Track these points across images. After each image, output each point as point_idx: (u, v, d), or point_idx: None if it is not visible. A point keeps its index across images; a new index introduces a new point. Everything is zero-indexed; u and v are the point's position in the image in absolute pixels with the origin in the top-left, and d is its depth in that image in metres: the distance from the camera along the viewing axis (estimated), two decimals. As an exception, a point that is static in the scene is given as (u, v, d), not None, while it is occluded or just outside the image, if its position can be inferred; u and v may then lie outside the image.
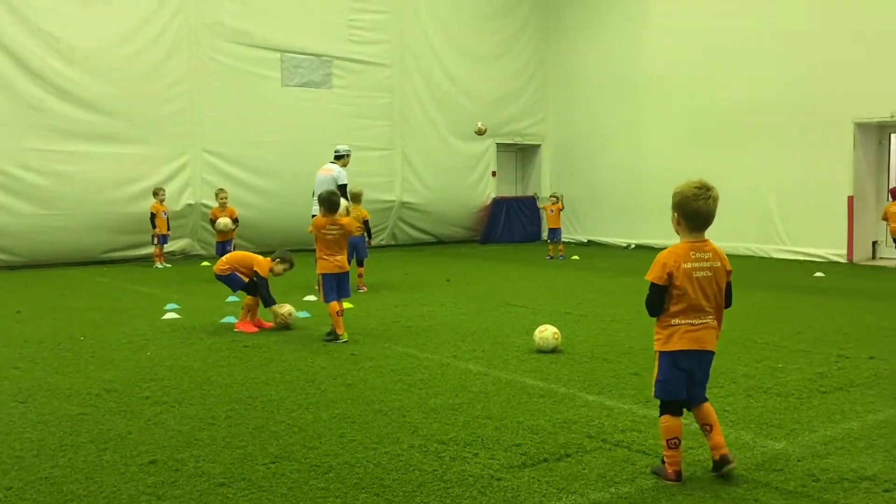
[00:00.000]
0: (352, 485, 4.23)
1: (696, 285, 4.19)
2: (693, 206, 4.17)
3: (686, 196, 4.19)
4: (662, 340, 4.26)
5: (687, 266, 4.18)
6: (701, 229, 4.26)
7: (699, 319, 4.22)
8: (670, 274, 4.18)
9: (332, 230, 8.32)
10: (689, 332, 4.20)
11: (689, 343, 4.20)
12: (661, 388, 4.29)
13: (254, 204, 17.46)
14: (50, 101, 15.55)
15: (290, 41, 18.26)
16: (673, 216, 4.32)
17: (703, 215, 4.20)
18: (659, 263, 4.23)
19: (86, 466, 4.53)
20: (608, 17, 20.79)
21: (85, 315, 9.88)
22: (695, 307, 4.20)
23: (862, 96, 15.60)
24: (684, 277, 4.17)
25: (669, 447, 4.25)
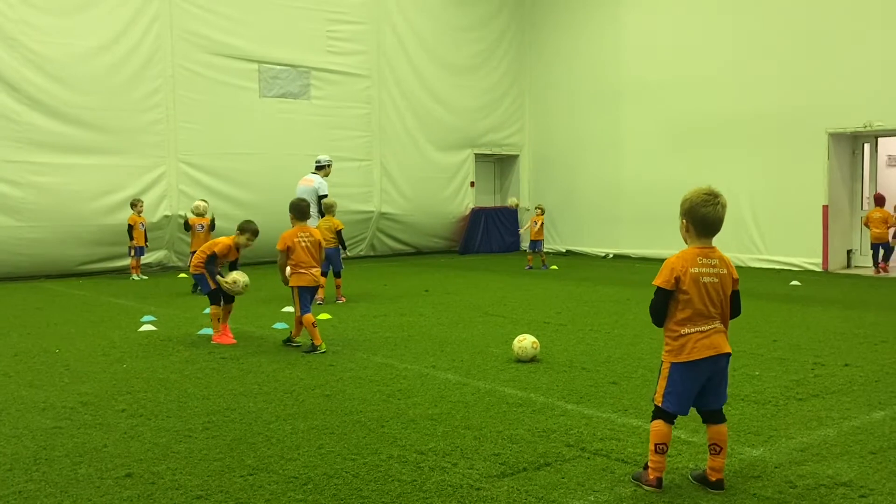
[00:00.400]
0: (330, 496, 4.21)
1: (703, 291, 4.20)
2: (702, 212, 4.24)
3: (695, 203, 4.25)
4: (675, 352, 4.22)
5: (694, 271, 4.20)
6: (709, 235, 4.31)
7: (707, 325, 4.22)
8: (677, 278, 4.19)
9: (304, 237, 8.34)
10: (701, 340, 4.18)
11: (704, 351, 4.18)
12: (669, 400, 4.23)
13: (231, 215, 17.29)
14: (26, 112, 15.39)
15: (267, 52, 18.22)
16: (681, 223, 4.36)
17: (711, 221, 4.25)
18: (667, 268, 4.25)
19: (60, 480, 4.47)
20: (584, 28, 20.94)
21: (60, 328, 9.78)
22: (701, 314, 4.20)
23: (836, 107, 15.80)
24: (691, 282, 4.19)
25: (657, 452, 4.23)
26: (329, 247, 11.73)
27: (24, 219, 15.43)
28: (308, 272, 8.28)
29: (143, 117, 16.69)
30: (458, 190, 21.85)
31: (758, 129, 17.03)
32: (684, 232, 4.37)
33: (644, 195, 19.42)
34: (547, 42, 22.03)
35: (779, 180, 16.62)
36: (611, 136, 20.29)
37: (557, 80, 21.76)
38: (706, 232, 4.30)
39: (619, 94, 20.03)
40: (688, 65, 18.31)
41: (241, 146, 17.82)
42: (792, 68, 16.42)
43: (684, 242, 4.39)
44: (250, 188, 17.86)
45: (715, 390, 4.30)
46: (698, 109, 18.15)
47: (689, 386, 4.22)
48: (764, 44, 16.91)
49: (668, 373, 4.25)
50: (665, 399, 4.25)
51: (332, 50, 19.20)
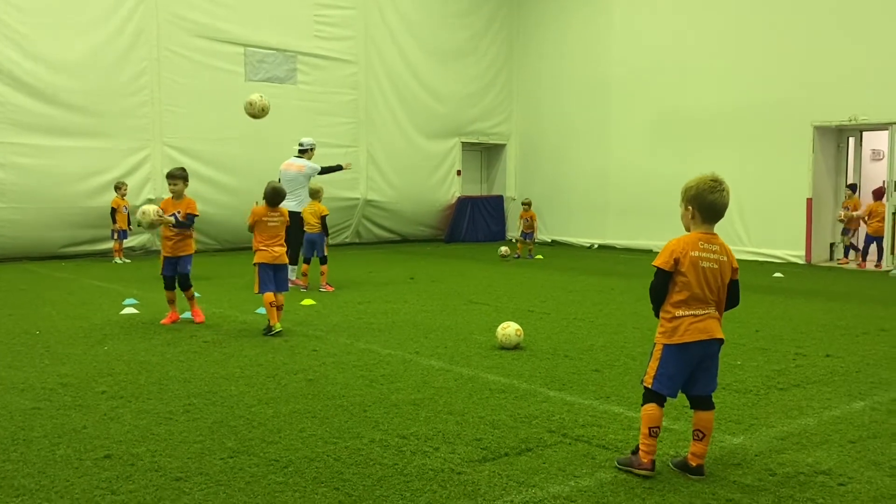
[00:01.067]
0: (311, 479, 4.19)
1: (701, 275, 4.22)
2: (709, 198, 4.26)
3: (702, 189, 4.27)
4: (668, 334, 4.24)
5: (694, 254, 4.22)
6: (713, 221, 4.34)
7: (702, 310, 4.24)
8: (677, 260, 4.21)
9: (274, 217, 8.53)
10: (694, 324, 4.21)
11: (696, 334, 4.21)
12: (661, 382, 4.25)
13: (215, 200, 17.23)
14: (9, 93, 15.23)
15: (254, 36, 18.09)
16: (685, 209, 4.36)
17: (717, 208, 4.29)
18: (667, 250, 4.27)
19: (38, 461, 4.43)
20: (574, 17, 20.90)
21: (41, 310, 9.70)
22: (697, 298, 4.22)
23: (821, 100, 15.86)
24: (690, 265, 4.21)
25: (650, 435, 4.24)
26: (313, 232, 11.71)
27: (7, 200, 15.29)
28: (269, 250, 8.39)
29: (129, 100, 16.54)
30: (445, 178, 21.81)
31: (743, 121, 17.08)
32: (688, 218, 4.38)
33: (630, 186, 19.46)
34: (536, 30, 21.98)
35: (763, 173, 16.68)
36: (598, 127, 20.30)
37: (546, 69, 21.73)
38: (712, 218, 4.33)
39: (607, 85, 20.03)
40: (675, 56, 18.33)
41: (226, 130, 17.67)
42: (778, 61, 16.46)
43: (686, 230, 4.41)
44: (235, 172, 17.74)
45: (705, 376, 4.31)
46: (685, 101, 18.19)
47: (679, 368, 4.24)
48: (750, 36, 16.94)
49: (660, 354, 4.27)
50: (656, 381, 4.26)
51: (319, 35, 19.08)
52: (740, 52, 17.13)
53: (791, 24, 16.30)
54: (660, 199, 18.73)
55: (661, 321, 4.32)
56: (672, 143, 18.51)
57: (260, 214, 8.47)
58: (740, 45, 17.14)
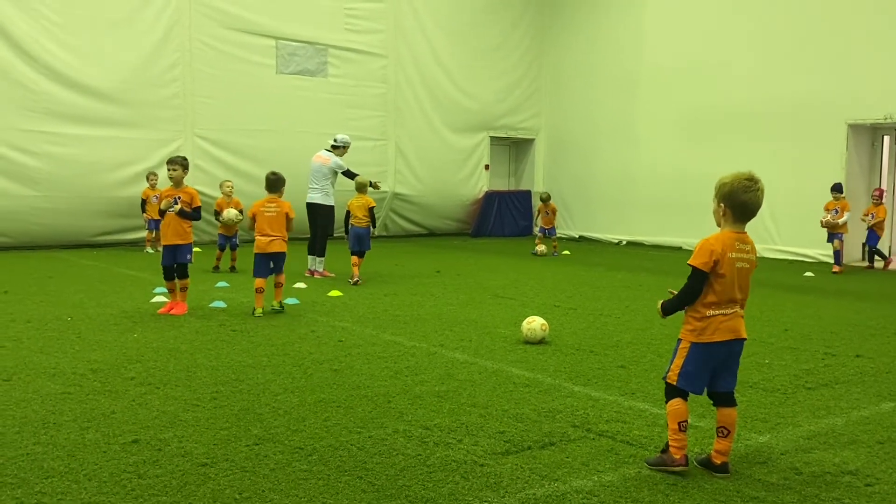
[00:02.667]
0: (335, 467, 4.22)
1: (736, 276, 4.20)
2: (743, 197, 4.19)
3: (736, 188, 4.20)
4: (696, 332, 4.20)
5: (732, 255, 4.18)
6: (746, 221, 4.28)
7: (731, 309, 4.21)
8: (716, 261, 4.16)
9: (270, 207, 9.07)
10: (724, 323, 4.18)
11: (725, 334, 4.18)
12: (685, 379, 4.22)
13: (245, 191, 17.29)
14: (43, 82, 15.45)
15: (285, 28, 18.18)
16: (718, 206, 4.30)
17: (751, 207, 4.23)
18: (706, 250, 4.18)
19: (67, 444, 4.51)
20: (604, 13, 20.78)
21: (73, 297, 9.84)
22: (730, 298, 4.20)
23: (855, 98, 15.64)
24: (729, 266, 4.17)
25: (680, 430, 4.21)
26: (360, 225, 11.66)
27: (40, 189, 15.52)
28: (262, 239, 8.92)
29: (161, 91, 16.71)
30: (473, 172, 21.79)
31: (776, 118, 16.88)
32: (720, 216, 4.31)
33: (659, 183, 19.32)
34: (566, 25, 21.88)
35: (795, 170, 16.48)
36: (627, 123, 20.17)
37: (575, 64, 21.62)
38: (744, 217, 4.27)
39: (637, 81, 19.89)
40: (707, 53, 18.15)
41: (256, 122, 17.82)
42: (812, 58, 16.25)
43: (717, 226, 4.36)
44: (265, 164, 17.62)
45: (726, 373, 4.29)
46: (716, 98, 18.01)
47: (705, 366, 4.22)
48: (784, 33, 16.73)
49: (686, 352, 4.23)
50: (680, 378, 4.23)
51: (350, 28, 19.13)
52: (773, 48, 16.92)
53: (825, 20, 16.08)
54: (689, 195, 18.58)
55: (688, 319, 4.27)
56: (702, 139, 18.35)
57: (255, 207, 9.04)
58: (773, 41, 16.93)
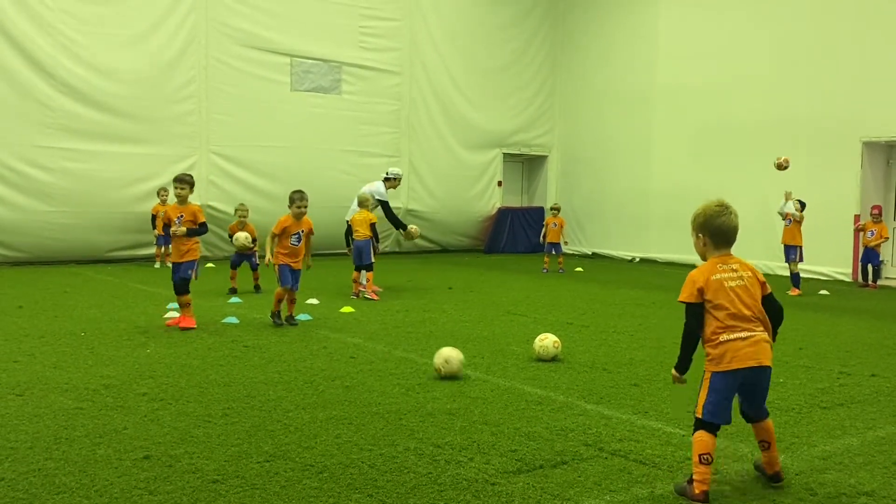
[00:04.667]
0: (345, 485, 4.21)
1: (731, 294, 4.17)
2: (717, 222, 4.26)
3: (708, 215, 4.28)
4: (715, 361, 4.14)
5: (715, 277, 4.19)
6: (727, 245, 4.32)
7: (748, 332, 4.13)
8: (701, 290, 4.18)
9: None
10: (743, 349, 4.10)
11: (745, 360, 4.10)
12: (709, 411, 4.14)
13: (259, 207, 17.40)
14: (60, 99, 15.61)
15: (300, 46, 18.31)
16: (697, 238, 4.36)
17: (727, 230, 4.28)
18: (689, 283, 4.24)
19: (79, 459, 4.51)
20: (617, 30, 20.82)
21: (87, 312, 9.88)
22: (737, 316, 4.13)
23: (870, 115, 15.58)
24: (716, 287, 4.17)
25: (701, 462, 4.10)
26: (360, 239, 11.79)
27: (56, 204, 15.64)
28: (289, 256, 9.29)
29: (176, 108, 16.84)
30: (486, 189, 21.81)
31: (790, 136, 16.82)
32: (701, 247, 4.37)
33: (673, 200, 19.26)
34: (579, 42, 21.93)
35: (810, 188, 16.35)
36: (641, 140, 20.16)
37: (589, 81, 21.66)
38: (723, 242, 4.30)
39: (651, 98, 19.89)
40: (721, 70, 18.14)
41: (271, 139, 17.93)
42: (826, 76, 16.21)
43: (702, 259, 4.38)
44: (279, 181, 17.90)
45: (754, 398, 4.28)
46: (730, 115, 17.98)
47: (728, 395, 4.16)
48: (798, 51, 16.70)
49: (708, 383, 4.17)
50: (706, 411, 4.15)
51: (364, 46, 19.25)
52: (787, 66, 16.89)
53: (840, 38, 16.05)
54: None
55: (706, 349, 4.22)
56: (716, 156, 18.31)
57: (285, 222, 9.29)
58: (787, 59, 16.91)
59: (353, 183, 15.58)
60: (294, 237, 9.21)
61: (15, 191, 15.30)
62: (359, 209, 12.09)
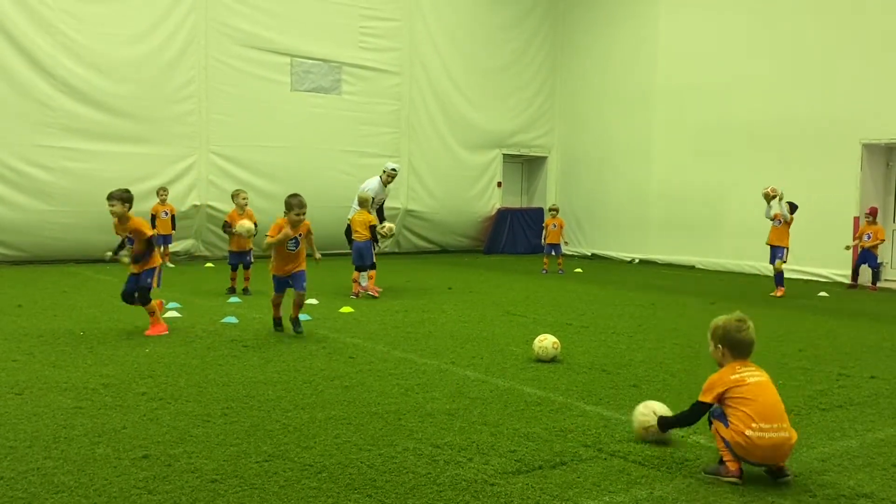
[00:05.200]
0: (344, 485, 4.21)
1: (757, 388, 4.40)
2: (737, 337, 4.51)
3: (728, 330, 4.52)
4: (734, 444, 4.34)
5: (734, 377, 4.44)
6: (745, 356, 4.55)
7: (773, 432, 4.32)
8: (720, 394, 4.43)
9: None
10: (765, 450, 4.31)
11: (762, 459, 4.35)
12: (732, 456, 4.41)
13: (259, 207, 17.31)
14: (60, 98, 15.62)
15: (300, 46, 18.32)
16: (716, 349, 4.59)
17: (745, 345, 4.54)
18: (710, 386, 4.50)
19: (78, 459, 4.51)
20: (618, 31, 20.83)
21: (85, 311, 9.88)
22: (762, 412, 4.32)
23: (870, 117, 15.58)
24: (737, 383, 4.41)
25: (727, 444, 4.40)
26: (361, 240, 11.80)
27: (55, 203, 15.65)
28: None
29: (176, 107, 16.85)
30: (485, 190, 21.83)
31: (790, 137, 16.84)
32: (719, 356, 4.60)
33: (673, 201, 19.29)
34: (580, 43, 21.94)
35: (810, 190, 16.37)
36: (641, 141, 20.17)
37: (589, 82, 21.67)
38: (742, 354, 4.55)
39: (651, 99, 19.90)
40: (721, 71, 18.15)
41: (271, 139, 17.95)
42: (827, 77, 16.22)
43: (718, 366, 4.62)
44: (279, 180, 17.91)
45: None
46: (730, 116, 17.99)
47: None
48: (798, 52, 16.71)
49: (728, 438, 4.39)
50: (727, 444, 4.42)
51: (364, 46, 19.26)
52: (787, 67, 16.90)
53: (840, 39, 16.05)
54: (703, 214, 18.57)
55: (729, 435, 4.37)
56: (716, 158, 18.32)
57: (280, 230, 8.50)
58: (787, 60, 16.91)
59: (352, 183, 15.59)
60: (291, 242, 8.49)
61: (15, 190, 15.31)
62: (359, 209, 12.08)
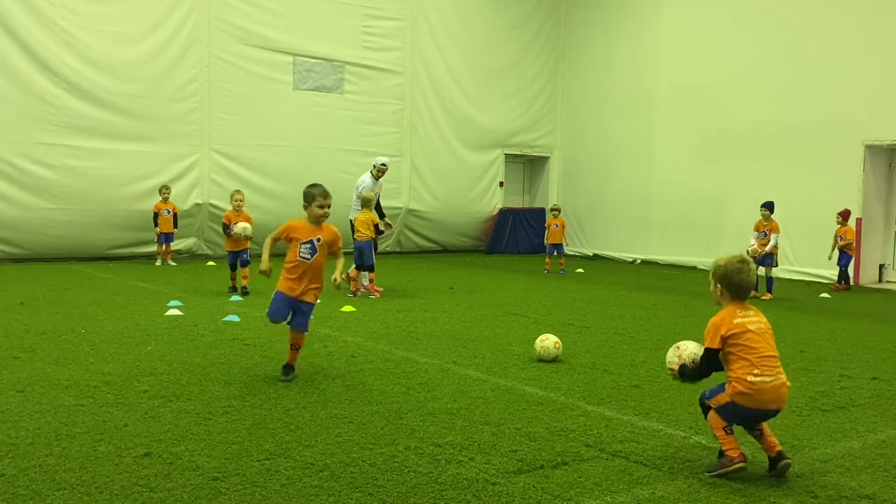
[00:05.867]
0: (346, 483, 4.21)
1: (757, 336, 4.46)
2: (737, 279, 4.56)
3: (730, 270, 4.57)
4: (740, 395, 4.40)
5: (738, 321, 4.48)
6: (743, 298, 4.62)
7: (772, 376, 4.43)
8: (724, 337, 4.45)
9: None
10: (768, 393, 4.40)
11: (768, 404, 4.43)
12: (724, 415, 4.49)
13: (261, 206, 17.45)
14: (63, 96, 15.63)
15: (303, 45, 18.32)
16: (715, 288, 4.65)
17: (745, 286, 4.60)
18: (712, 328, 4.51)
19: (80, 456, 4.51)
20: (620, 32, 20.82)
21: (87, 309, 9.89)
22: (764, 357, 4.42)
23: (873, 119, 15.57)
24: (741, 329, 4.45)
25: (727, 433, 4.46)
26: (361, 239, 11.80)
27: (58, 201, 15.66)
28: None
29: (178, 106, 16.86)
30: (487, 190, 21.82)
31: (793, 138, 16.83)
32: (718, 296, 4.65)
33: (675, 202, 19.28)
34: (582, 44, 21.93)
35: (812, 191, 16.40)
36: (643, 141, 20.16)
37: (591, 82, 21.66)
38: (740, 296, 4.61)
39: (653, 99, 19.89)
40: (723, 73, 18.14)
41: (273, 138, 17.96)
42: (830, 79, 16.21)
43: (717, 305, 4.68)
44: (281, 180, 17.97)
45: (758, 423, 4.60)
46: (732, 118, 17.98)
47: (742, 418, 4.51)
48: (800, 53, 16.70)
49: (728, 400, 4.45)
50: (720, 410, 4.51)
51: (367, 45, 19.26)
52: (790, 69, 16.89)
53: (843, 41, 16.03)
54: (705, 215, 18.56)
55: (734, 384, 4.43)
56: (718, 159, 18.31)
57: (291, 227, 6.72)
58: (790, 62, 16.90)
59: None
60: (305, 247, 6.42)
61: (17, 187, 15.32)
62: (362, 209, 12.04)
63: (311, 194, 6.61)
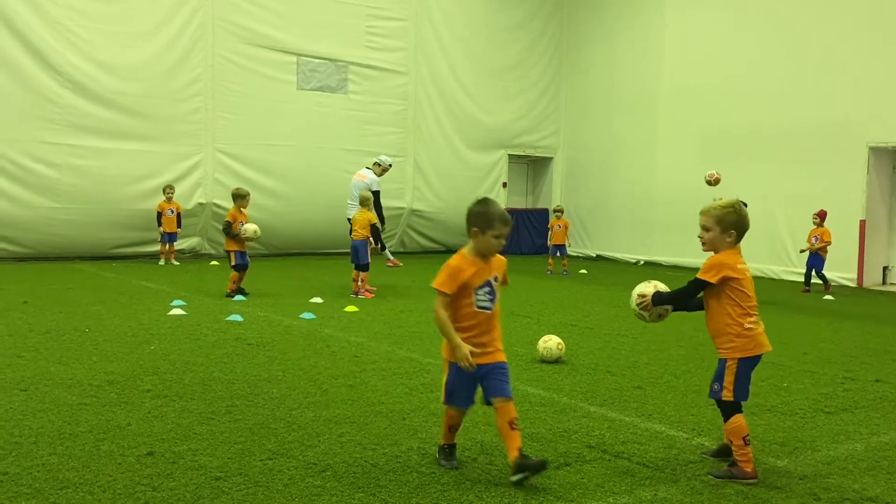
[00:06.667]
0: (348, 484, 4.21)
1: (750, 283, 4.59)
2: (745, 223, 4.67)
3: (742, 215, 4.66)
4: (739, 348, 4.49)
5: (741, 266, 4.59)
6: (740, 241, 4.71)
7: (759, 321, 4.57)
8: (725, 277, 4.51)
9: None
10: (760, 336, 4.54)
11: (764, 346, 4.54)
12: (740, 392, 4.49)
13: (265, 206, 17.47)
14: (67, 95, 15.65)
15: (306, 45, 18.33)
16: (723, 233, 4.64)
17: (747, 227, 4.73)
18: (716, 265, 4.55)
19: (83, 455, 4.52)
20: (624, 33, 20.81)
21: (91, 308, 9.90)
22: (753, 305, 4.55)
23: (877, 120, 15.55)
24: (742, 274, 4.56)
25: (745, 444, 4.43)
26: (356, 238, 11.79)
27: (61, 200, 15.68)
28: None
29: (182, 105, 16.87)
30: (491, 190, 21.75)
31: (796, 140, 16.81)
32: (724, 242, 4.64)
33: (678, 203, 19.23)
34: (585, 45, 21.92)
35: (816, 193, 16.35)
36: (646, 142, 20.15)
37: (594, 83, 21.65)
38: (741, 238, 4.69)
39: (656, 100, 19.88)
40: (727, 74, 18.12)
41: (277, 137, 17.97)
42: (834, 80, 16.18)
43: (713, 251, 4.69)
44: (284, 179, 17.99)
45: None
46: (736, 119, 17.96)
47: (750, 375, 4.54)
48: (804, 54, 16.68)
49: (735, 368, 4.48)
50: (736, 393, 4.48)
51: (370, 45, 19.26)
52: (793, 70, 16.87)
53: (847, 42, 16.01)
54: (708, 216, 18.50)
55: (728, 336, 4.50)
56: (721, 160, 18.22)
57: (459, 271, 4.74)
58: (793, 63, 16.88)
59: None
60: (483, 291, 4.51)
61: (21, 186, 15.34)
62: (360, 208, 12.04)
63: (486, 217, 4.50)
